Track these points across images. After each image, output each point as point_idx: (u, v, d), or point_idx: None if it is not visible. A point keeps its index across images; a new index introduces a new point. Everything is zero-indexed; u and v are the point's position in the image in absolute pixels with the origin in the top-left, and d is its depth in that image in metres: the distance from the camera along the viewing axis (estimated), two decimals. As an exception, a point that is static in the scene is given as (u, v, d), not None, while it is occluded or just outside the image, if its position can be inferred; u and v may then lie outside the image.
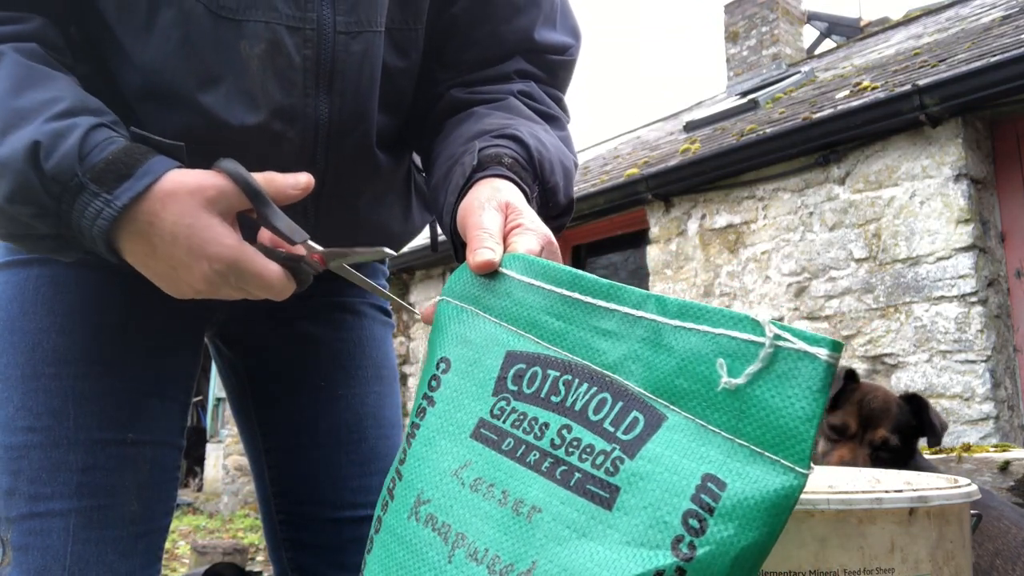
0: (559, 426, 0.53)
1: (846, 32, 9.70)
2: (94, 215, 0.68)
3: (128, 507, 0.86)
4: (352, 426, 1.07)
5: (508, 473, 0.54)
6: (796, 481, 0.44)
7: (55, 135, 0.67)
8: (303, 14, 0.78)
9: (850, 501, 0.63)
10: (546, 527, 0.50)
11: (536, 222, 0.70)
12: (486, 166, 0.77)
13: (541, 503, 0.51)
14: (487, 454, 0.56)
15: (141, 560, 0.87)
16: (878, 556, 0.63)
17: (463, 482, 0.56)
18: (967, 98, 4.09)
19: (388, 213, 0.98)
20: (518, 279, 0.62)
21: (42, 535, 0.81)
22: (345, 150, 0.86)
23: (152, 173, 0.69)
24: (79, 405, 0.84)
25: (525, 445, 0.54)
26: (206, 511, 9.55)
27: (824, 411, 0.44)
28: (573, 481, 0.50)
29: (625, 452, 0.49)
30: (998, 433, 3.96)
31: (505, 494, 0.53)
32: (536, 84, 0.93)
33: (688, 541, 0.44)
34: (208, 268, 0.70)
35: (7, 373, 0.85)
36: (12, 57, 0.71)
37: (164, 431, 0.91)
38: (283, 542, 1.08)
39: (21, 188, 0.67)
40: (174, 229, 0.69)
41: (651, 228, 5.77)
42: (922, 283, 4.29)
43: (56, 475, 0.82)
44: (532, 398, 0.56)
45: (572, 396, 0.54)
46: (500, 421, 0.57)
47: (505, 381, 0.58)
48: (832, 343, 0.44)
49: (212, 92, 0.78)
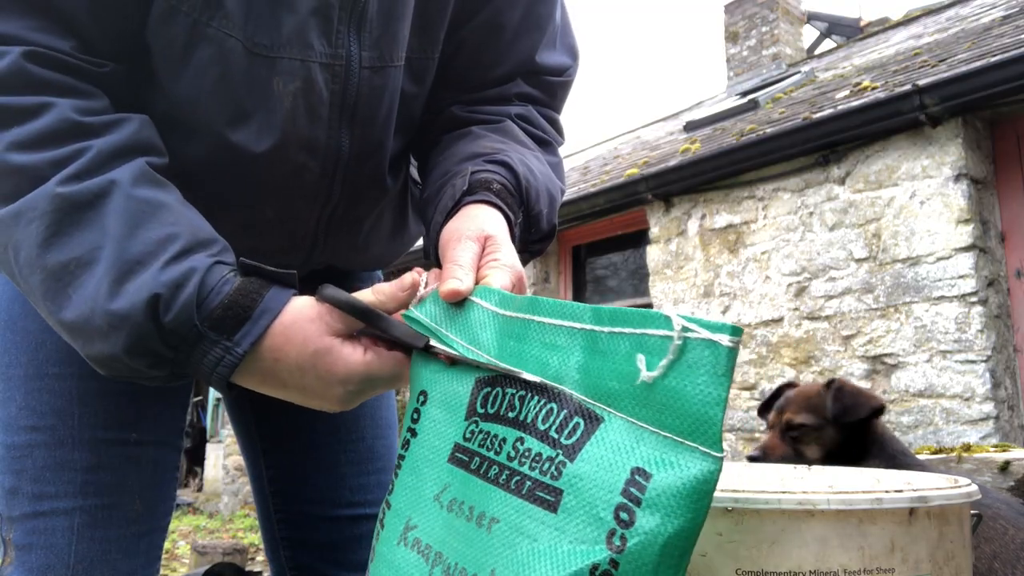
0: (514, 439, 0.56)
1: (846, 32, 9.71)
2: (215, 362, 0.66)
3: (131, 507, 0.86)
4: (350, 426, 1.07)
5: (475, 490, 0.57)
6: (712, 465, 0.46)
7: (174, 286, 0.65)
8: (335, 51, 0.79)
9: (850, 501, 0.63)
10: (503, 536, 0.52)
11: (510, 258, 0.73)
12: (475, 191, 0.80)
13: (499, 514, 0.53)
14: (460, 475, 0.59)
15: (143, 559, 0.87)
16: (878, 556, 0.63)
17: (442, 504, 0.59)
18: (967, 98, 4.09)
19: (386, 230, 1.01)
20: (485, 307, 0.66)
21: (46, 534, 0.81)
22: (360, 178, 0.88)
23: (270, 312, 0.67)
24: (83, 404, 0.84)
25: (488, 461, 0.57)
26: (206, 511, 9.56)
27: (727, 394, 0.46)
28: (525, 489, 0.53)
29: (567, 456, 0.51)
30: (998, 433, 3.96)
31: (472, 510, 0.56)
32: (534, 107, 0.96)
33: (620, 534, 0.46)
34: (343, 390, 0.69)
35: (9, 372, 0.85)
36: (123, 192, 0.68)
37: (165, 431, 0.91)
38: (281, 541, 1.09)
39: (139, 342, 0.65)
40: (299, 360, 0.67)
41: (651, 228, 5.77)
42: (922, 283, 4.29)
43: (60, 474, 0.82)
44: (494, 417, 0.59)
45: (525, 409, 0.56)
46: (471, 443, 0.60)
47: (475, 406, 0.61)
48: (732, 328, 0.46)
49: (242, 128, 0.79)
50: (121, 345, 0.65)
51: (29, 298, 0.71)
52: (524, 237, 0.85)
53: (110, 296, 0.65)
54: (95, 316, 0.65)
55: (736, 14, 9.55)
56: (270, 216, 0.86)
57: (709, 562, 0.63)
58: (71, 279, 0.66)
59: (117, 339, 0.65)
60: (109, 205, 0.67)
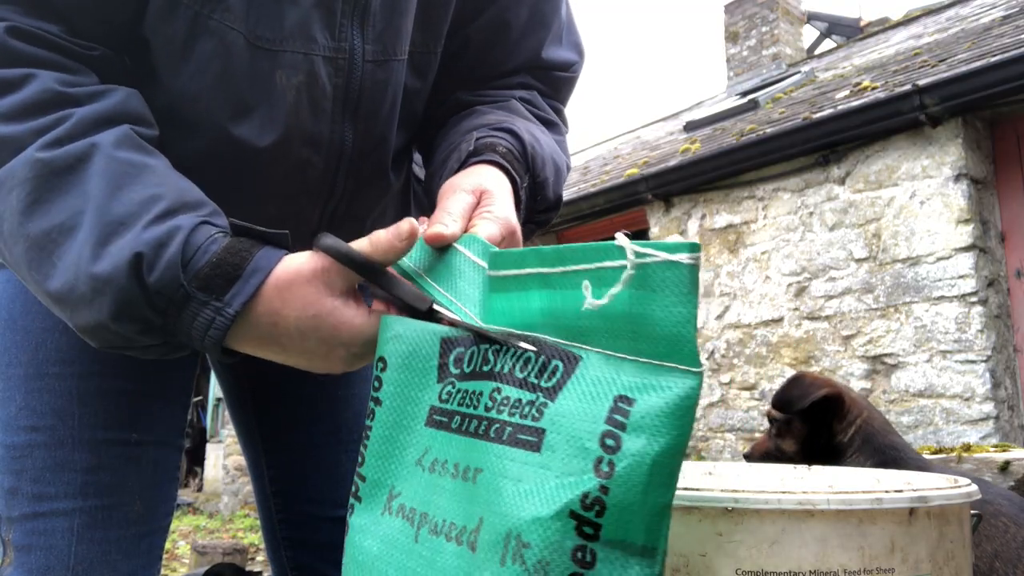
0: (490, 390, 0.56)
1: (846, 32, 9.71)
2: (205, 325, 0.63)
3: (132, 507, 0.86)
4: (351, 425, 1.07)
5: (457, 447, 0.57)
6: (693, 380, 0.47)
7: (157, 244, 0.62)
8: (338, 44, 0.79)
9: (850, 501, 0.63)
10: (488, 483, 0.52)
11: (505, 211, 0.73)
12: (481, 152, 0.80)
13: (482, 463, 0.53)
14: (440, 436, 0.59)
15: (143, 560, 0.87)
16: (878, 556, 0.63)
17: (424, 467, 0.59)
18: (967, 98, 4.09)
19: (388, 225, 1.00)
20: (467, 256, 0.65)
21: (45, 535, 0.81)
22: (363, 173, 0.88)
23: (261, 270, 0.64)
24: (83, 404, 0.84)
25: (467, 417, 0.57)
26: (206, 511, 9.56)
27: (696, 310, 0.47)
28: (505, 435, 0.53)
29: (548, 397, 0.52)
30: (998, 433, 3.96)
31: (457, 467, 0.56)
32: (539, 95, 0.97)
33: (607, 460, 0.47)
34: (346, 352, 0.67)
35: (9, 372, 0.84)
36: (104, 153, 0.66)
37: (166, 431, 0.91)
38: (283, 541, 1.09)
39: (125, 305, 0.62)
40: (300, 324, 0.65)
41: (651, 228, 5.78)
42: (922, 283, 4.29)
43: (60, 475, 0.82)
44: (471, 375, 0.59)
45: (500, 361, 0.57)
46: (449, 404, 0.60)
47: (447, 367, 0.61)
48: (690, 246, 0.47)
49: (245, 122, 0.78)
50: (107, 311, 0.63)
51: (16, 271, 0.69)
52: (530, 206, 0.84)
53: (93, 259, 0.62)
54: (79, 282, 0.63)
55: (736, 14, 9.55)
56: (273, 212, 0.85)
57: (709, 562, 0.63)
58: (54, 247, 0.64)
59: (102, 304, 0.63)
60: (90, 169, 0.65)
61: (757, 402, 4.93)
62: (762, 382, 4.96)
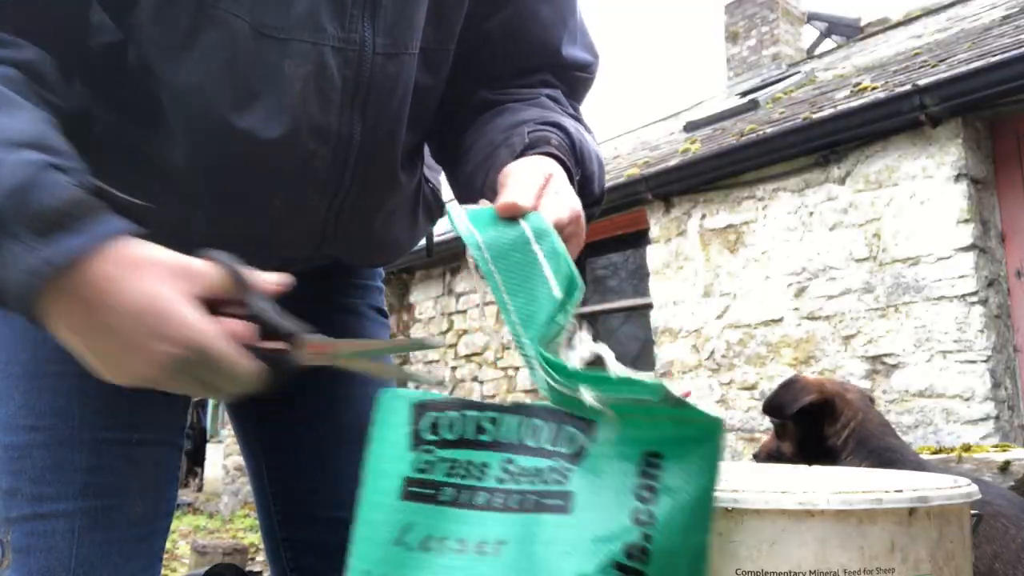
0: (500, 461, 0.54)
1: (846, 32, 9.70)
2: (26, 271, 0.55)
3: (133, 508, 0.85)
4: (352, 425, 1.07)
5: (458, 521, 0.53)
6: (714, 424, 0.48)
7: None
8: (347, 35, 0.78)
9: (850, 501, 0.63)
10: (516, 553, 0.50)
11: (571, 195, 0.73)
12: (536, 146, 0.80)
13: (504, 536, 0.51)
14: (427, 510, 0.55)
15: (144, 561, 0.86)
16: (878, 556, 0.63)
17: (410, 546, 0.54)
18: (967, 98, 4.09)
19: (398, 227, 0.99)
20: (527, 234, 0.63)
21: (45, 536, 0.80)
22: (372, 169, 0.87)
23: (107, 233, 0.58)
24: (84, 404, 0.83)
25: (469, 489, 0.54)
26: (206, 511, 9.56)
27: None
28: (529, 503, 0.51)
29: (571, 462, 0.51)
30: (998, 433, 3.96)
31: (463, 542, 0.52)
32: (562, 95, 0.97)
33: (645, 510, 0.48)
34: (167, 352, 0.58)
35: (8, 371, 0.84)
36: None
37: (166, 431, 0.91)
38: (282, 542, 1.08)
39: None
40: (133, 299, 0.57)
41: (651, 228, 5.77)
42: (922, 283, 4.29)
43: (61, 475, 0.81)
44: (459, 443, 0.56)
45: (502, 431, 0.55)
46: (430, 474, 0.56)
47: (420, 433, 0.57)
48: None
49: (250, 113, 0.76)
50: None
51: None
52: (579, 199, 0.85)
53: None
54: None
55: (736, 14, 9.55)
56: (278, 205, 0.85)
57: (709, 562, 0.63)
58: None
59: None
60: None
61: (757, 402, 4.93)
62: (762, 382, 4.96)
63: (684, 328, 5.47)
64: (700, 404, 0.49)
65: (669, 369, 5.53)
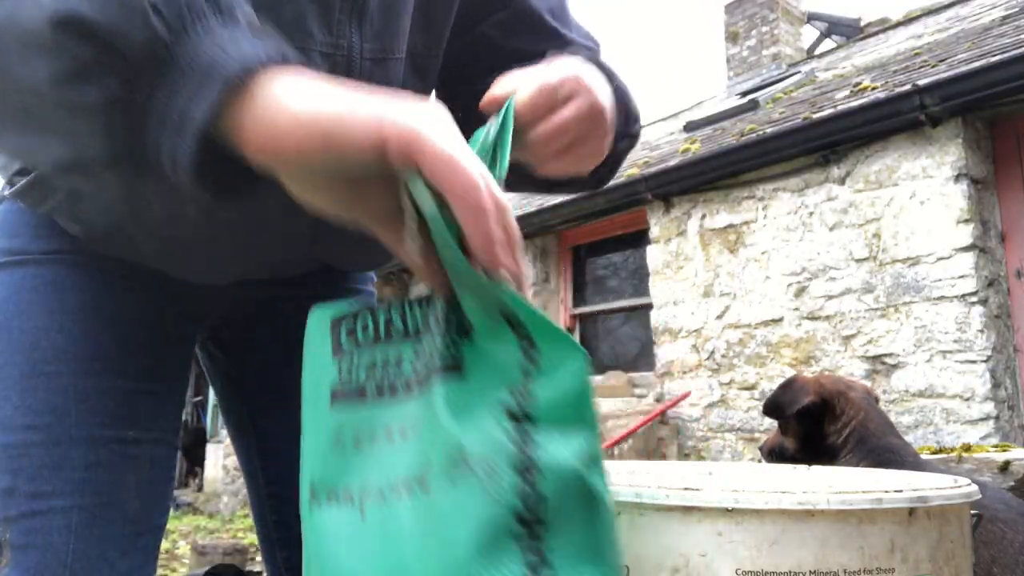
0: (411, 349, 0.55)
1: (846, 32, 9.71)
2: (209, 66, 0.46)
3: (129, 505, 0.86)
4: None
5: (382, 413, 0.55)
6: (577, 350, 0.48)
7: None
8: (336, 40, 0.78)
9: (850, 501, 0.63)
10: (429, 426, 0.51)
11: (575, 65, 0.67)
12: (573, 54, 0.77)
13: (419, 415, 0.52)
14: (354, 410, 0.57)
15: (140, 559, 0.87)
16: (878, 556, 0.63)
17: (345, 446, 0.56)
18: (967, 98, 4.09)
19: None
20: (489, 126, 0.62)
21: (43, 533, 0.81)
22: None
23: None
24: (80, 402, 0.84)
25: (388, 383, 0.55)
26: (206, 511, 9.56)
27: None
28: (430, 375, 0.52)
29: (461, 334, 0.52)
30: (998, 433, 3.96)
31: (388, 430, 0.54)
32: None
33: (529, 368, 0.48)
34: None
35: (5, 372, 0.84)
36: None
37: (162, 429, 0.91)
38: (278, 542, 1.08)
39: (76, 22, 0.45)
40: None
41: (651, 228, 5.78)
42: (922, 283, 4.29)
43: (58, 473, 0.82)
44: (375, 342, 0.57)
45: (410, 322, 0.56)
46: (354, 376, 0.57)
47: (340, 344, 0.59)
48: None
49: None
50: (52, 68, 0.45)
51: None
52: (620, 120, 0.79)
53: None
54: None
55: (736, 14, 9.56)
56: (272, 204, 0.85)
57: (709, 562, 0.63)
58: None
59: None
60: None
61: (757, 402, 4.93)
62: (762, 382, 4.96)
63: (684, 328, 5.47)
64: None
65: (669, 369, 5.53)
